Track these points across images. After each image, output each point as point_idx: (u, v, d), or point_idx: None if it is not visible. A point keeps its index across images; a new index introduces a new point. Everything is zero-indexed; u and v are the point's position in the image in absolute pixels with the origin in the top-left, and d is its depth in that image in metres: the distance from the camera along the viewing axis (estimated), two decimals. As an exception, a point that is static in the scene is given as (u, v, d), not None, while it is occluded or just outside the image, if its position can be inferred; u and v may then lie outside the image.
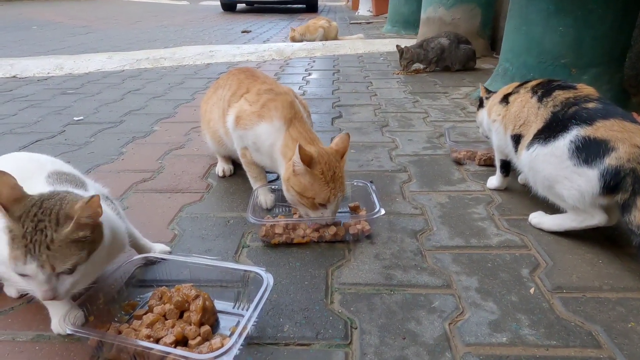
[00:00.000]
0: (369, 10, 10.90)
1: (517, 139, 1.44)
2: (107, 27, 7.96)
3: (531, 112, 1.40)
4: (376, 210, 1.34)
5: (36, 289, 0.83)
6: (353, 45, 5.34)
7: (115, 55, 4.58)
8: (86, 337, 0.92)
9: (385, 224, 1.46)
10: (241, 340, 0.88)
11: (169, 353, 0.85)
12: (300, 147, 1.26)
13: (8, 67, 4.08)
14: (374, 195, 1.43)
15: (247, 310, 0.97)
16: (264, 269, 1.06)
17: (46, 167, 1.04)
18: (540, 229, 1.41)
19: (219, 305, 1.07)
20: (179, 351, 0.85)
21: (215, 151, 1.84)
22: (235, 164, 1.88)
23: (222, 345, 0.89)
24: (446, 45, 3.89)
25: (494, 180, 1.69)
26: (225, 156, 1.86)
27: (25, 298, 1.13)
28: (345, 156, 1.37)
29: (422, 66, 4.01)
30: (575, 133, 1.24)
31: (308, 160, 1.28)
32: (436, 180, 1.79)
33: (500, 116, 1.54)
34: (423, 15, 4.87)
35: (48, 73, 3.99)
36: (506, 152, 1.57)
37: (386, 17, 7.78)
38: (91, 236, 0.86)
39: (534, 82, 1.50)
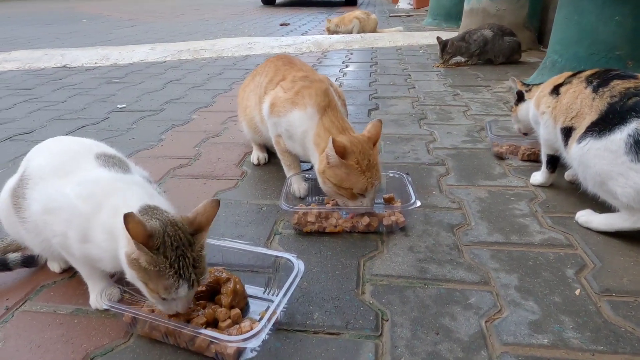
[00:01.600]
0: (409, 4, 10.68)
1: (567, 132, 1.35)
2: (151, 20, 8.22)
3: (585, 103, 1.31)
4: (412, 202, 1.30)
5: (179, 305, 0.88)
6: (392, 37, 5.24)
7: (157, 46, 4.71)
8: (121, 313, 0.94)
9: (420, 217, 1.42)
10: (270, 325, 0.87)
11: (199, 333, 0.85)
12: (333, 139, 1.23)
13: (59, 58, 4.28)
14: (409, 187, 1.39)
15: (277, 296, 0.96)
16: (295, 255, 1.05)
17: (92, 149, 1.07)
18: (588, 228, 1.32)
19: (250, 290, 1.07)
20: (209, 332, 0.85)
21: (250, 139, 1.85)
22: (270, 152, 1.89)
23: (251, 329, 0.89)
24: (489, 37, 3.74)
25: (539, 176, 1.61)
26: (261, 144, 1.86)
27: (66, 274, 1.17)
28: (377, 143, 1.33)
29: (463, 59, 3.88)
30: (635, 126, 1.15)
31: (342, 152, 1.25)
32: (475, 174, 1.72)
33: (550, 108, 1.46)
34: (466, 7, 4.71)
35: (95, 63, 4.16)
36: (555, 147, 1.48)
37: (427, 10, 7.59)
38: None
39: (588, 72, 1.40)
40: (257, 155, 1.85)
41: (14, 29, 6.78)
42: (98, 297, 1.02)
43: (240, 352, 0.89)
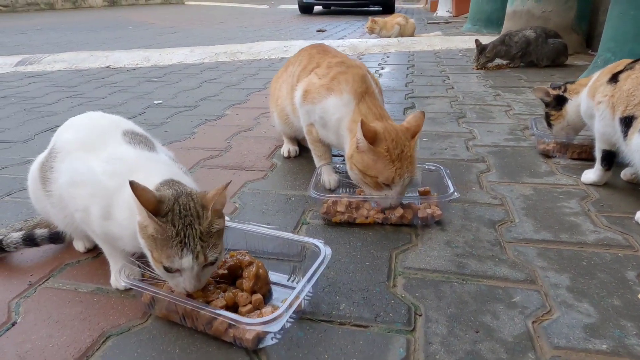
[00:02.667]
0: (448, 11, 10.49)
1: (627, 122, 1.22)
2: (192, 27, 8.46)
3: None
4: (450, 192, 1.21)
5: (186, 281, 0.83)
6: (430, 41, 5.13)
7: (196, 49, 4.81)
8: (140, 293, 0.91)
9: (458, 212, 1.32)
10: (291, 311, 0.81)
11: (216, 315, 0.80)
12: (363, 122, 1.16)
13: (103, 59, 4.45)
14: (447, 179, 1.30)
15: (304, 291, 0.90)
16: (322, 241, 0.99)
17: (120, 125, 1.05)
18: (651, 229, 1.18)
19: (274, 277, 1.02)
20: (227, 313, 0.79)
21: (281, 130, 1.81)
22: (301, 146, 1.84)
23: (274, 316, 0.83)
24: (532, 38, 3.57)
25: (592, 174, 1.47)
26: (292, 137, 1.82)
27: (90, 253, 1.16)
28: (417, 136, 1.25)
29: (504, 62, 3.72)
30: None
31: (371, 136, 1.18)
32: (519, 171, 1.60)
33: (607, 97, 1.33)
34: (509, 9, 4.54)
35: (137, 64, 4.28)
36: (612, 140, 1.35)
37: (466, 17, 7.41)
38: (222, 224, 0.86)
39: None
40: (287, 148, 1.80)
41: (66, 34, 7.15)
42: (117, 275, 0.99)
43: (259, 338, 0.83)
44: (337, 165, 1.50)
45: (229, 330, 0.83)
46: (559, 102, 1.66)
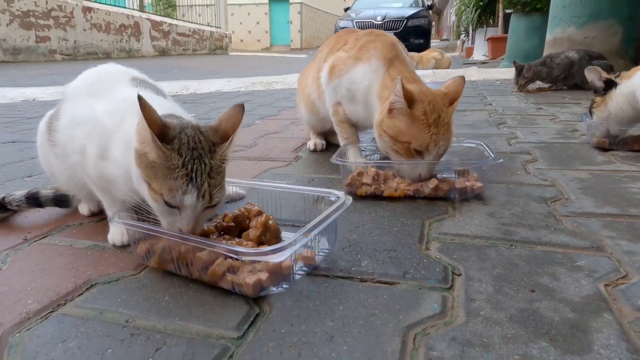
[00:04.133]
0: (484, 55, 10.50)
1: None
2: (233, 70, 8.87)
3: None
4: (491, 158, 1.06)
5: (183, 221, 0.73)
6: (466, 72, 5.06)
7: (233, 79, 4.97)
8: (135, 242, 0.80)
9: (502, 190, 1.16)
10: (298, 246, 0.68)
11: (209, 246, 0.68)
12: (400, 80, 1.06)
13: (146, 88, 4.66)
14: (489, 151, 1.15)
15: (319, 242, 0.77)
16: (342, 191, 0.86)
17: (130, 73, 1.01)
18: None
19: (287, 236, 0.89)
20: (222, 244, 0.67)
21: (307, 121, 1.73)
22: (328, 142, 1.74)
23: (280, 263, 0.70)
24: (575, 60, 3.41)
25: (659, 159, 1.28)
26: (318, 129, 1.73)
27: (94, 217, 1.08)
28: (456, 103, 1.13)
29: (545, 85, 3.57)
30: None
31: (409, 96, 1.07)
32: (571, 161, 1.42)
33: None
34: (549, 37, 4.44)
35: (176, 92, 4.44)
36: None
37: (502, 58, 7.35)
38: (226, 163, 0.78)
39: None
40: (314, 142, 1.71)
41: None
42: (114, 226, 0.89)
43: (262, 285, 0.69)
44: (364, 145, 1.38)
45: (226, 275, 0.70)
46: (608, 86, 1.50)
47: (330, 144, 1.74)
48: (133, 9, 11.72)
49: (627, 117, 1.49)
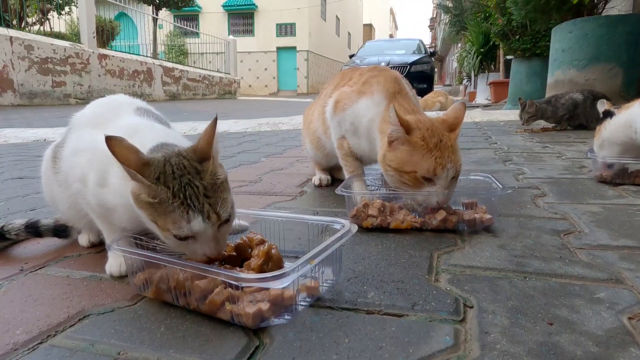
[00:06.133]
0: (487, 99, 10.70)
1: None
2: (240, 113, 9.08)
3: None
4: (500, 189, 1.03)
5: (204, 246, 0.72)
6: (470, 114, 5.14)
7: (240, 120, 5.06)
8: (132, 274, 0.78)
9: (512, 223, 1.12)
10: (301, 272, 0.64)
11: (208, 273, 0.65)
12: (394, 109, 1.06)
13: (155, 129, 4.75)
14: (496, 183, 1.13)
15: (323, 273, 0.75)
16: (347, 220, 0.83)
17: (135, 103, 1.02)
18: None
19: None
20: (220, 269, 0.64)
21: (312, 157, 1.73)
22: (334, 177, 1.74)
23: (282, 292, 0.67)
24: (580, 101, 3.45)
25: (672, 192, 1.25)
26: (324, 165, 1.73)
27: (94, 249, 1.05)
28: (458, 130, 1.12)
29: (550, 125, 3.59)
30: None
31: (405, 124, 1.07)
32: (581, 195, 1.39)
33: None
34: (550, 80, 4.52)
35: (184, 132, 4.51)
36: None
37: (505, 102, 7.48)
38: (224, 173, 0.77)
39: None
40: (319, 177, 1.70)
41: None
42: (113, 257, 0.87)
43: (262, 316, 0.65)
44: (369, 179, 1.37)
45: (225, 305, 0.67)
46: (605, 116, 1.54)
47: (335, 179, 1.73)
48: (147, 56, 12.22)
49: (619, 144, 1.50)
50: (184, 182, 0.70)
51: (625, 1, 4.84)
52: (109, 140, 0.68)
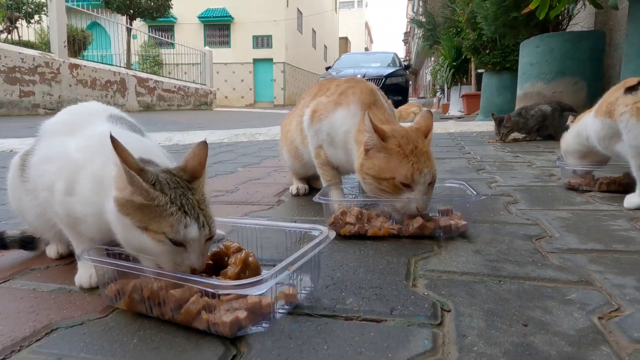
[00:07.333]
0: (459, 111, 10.97)
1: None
2: (217, 124, 9.01)
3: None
4: (475, 195, 1.05)
5: (192, 256, 0.69)
6: (444, 125, 5.25)
7: (217, 131, 5.02)
8: (104, 285, 0.75)
9: (486, 229, 1.15)
10: (278, 279, 0.64)
11: (184, 281, 0.64)
12: (369, 117, 1.08)
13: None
14: (470, 189, 1.15)
15: (301, 280, 0.74)
16: (325, 227, 0.83)
17: (108, 110, 0.99)
18: None
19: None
20: (195, 277, 0.63)
21: (290, 166, 1.73)
22: (311, 187, 1.74)
23: (260, 300, 0.66)
24: (548, 112, 3.58)
25: (636, 197, 1.30)
26: (301, 174, 1.72)
27: (62, 260, 1.01)
28: (430, 135, 1.15)
29: (521, 136, 3.71)
30: None
31: (380, 131, 1.08)
32: (551, 202, 1.44)
33: (629, 105, 1.26)
34: (519, 92, 4.68)
35: (159, 143, 4.43)
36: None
37: (477, 114, 7.70)
38: (210, 196, 0.78)
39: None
40: (296, 186, 1.70)
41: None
42: (83, 268, 0.84)
43: (240, 324, 0.64)
44: (346, 188, 1.37)
45: (202, 314, 0.65)
46: (565, 130, 1.67)
47: (313, 188, 1.73)
48: (120, 67, 12.01)
49: (576, 152, 1.63)
50: (178, 193, 0.70)
51: (587, 18, 5.08)
52: (114, 139, 0.67)
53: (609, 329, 0.64)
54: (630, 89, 1.29)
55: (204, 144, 0.78)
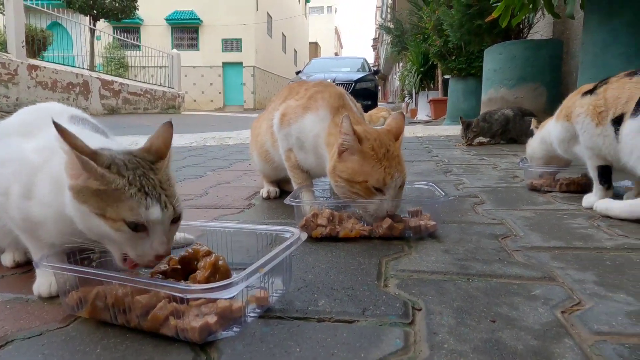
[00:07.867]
0: (427, 115, 11.22)
1: (618, 121, 1.17)
2: (186, 128, 8.83)
3: (636, 87, 1.16)
4: (443, 196, 1.08)
5: (156, 241, 0.68)
6: (412, 129, 5.35)
7: (185, 135, 4.92)
8: (64, 292, 0.71)
9: (454, 229, 1.17)
10: (249, 282, 0.63)
11: (150, 285, 0.61)
12: (346, 118, 1.08)
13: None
14: (439, 190, 1.18)
15: (273, 283, 0.73)
16: (296, 228, 0.83)
17: (69, 111, 0.96)
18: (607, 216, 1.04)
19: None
20: (163, 282, 0.61)
21: (261, 170, 1.71)
22: (282, 189, 1.72)
23: (230, 304, 0.65)
24: (510, 116, 3.72)
25: (592, 197, 1.36)
26: (272, 178, 1.71)
27: (20, 269, 0.96)
28: (401, 138, 1.16)
29: (485, 139, 3.83)
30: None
31: (358, 134, 1.09)
32: (515, 202, 1.48)
33: (585, 107, 1.32)
34: (484, 97, 4.83)
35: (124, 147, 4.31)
36: (603, 151, 1.28)
37: (444, 118, 7.89)
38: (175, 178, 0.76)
39: (624, 73, 1.28)
40: (267, 189, 1.68)
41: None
42: (43, 278, 0.80)
43: (209, 329, 0.62)
44: (317, 191, 1.37)
45: (169, 320, 0.63)
46: (530, 135, 1.74)
47: (283, 191, 1.72)
48: (83, 68, 11.60)
49: (541, 157, 1.70)
50: (138, 174, 0.68)
51: (546, 27, 5.32)
52: (58, 124, 0.64)
53: (571, 322, 0.66)
54: (587, 92, 1.35)
55: (169, 124, 0.76)
